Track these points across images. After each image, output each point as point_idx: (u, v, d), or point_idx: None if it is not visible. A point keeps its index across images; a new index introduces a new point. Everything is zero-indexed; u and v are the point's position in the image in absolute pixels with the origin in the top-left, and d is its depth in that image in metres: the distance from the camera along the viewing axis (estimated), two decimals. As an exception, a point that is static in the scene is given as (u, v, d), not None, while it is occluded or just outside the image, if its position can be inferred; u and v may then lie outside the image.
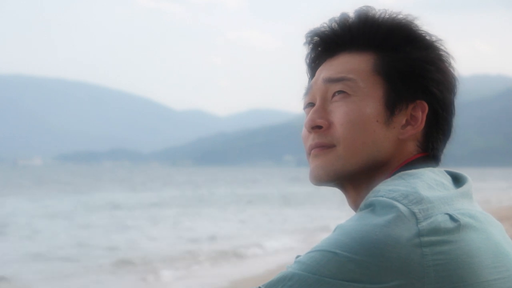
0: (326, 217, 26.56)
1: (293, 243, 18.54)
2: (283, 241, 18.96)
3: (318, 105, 1.35)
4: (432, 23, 1.38)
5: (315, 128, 1.34)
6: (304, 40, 1.42)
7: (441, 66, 1.35)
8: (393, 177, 1.25)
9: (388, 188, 1.20)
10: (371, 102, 1.31)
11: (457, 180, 1.31)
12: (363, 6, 1.39)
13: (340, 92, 1.33)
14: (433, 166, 1.31)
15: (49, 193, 53.18)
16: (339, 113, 1.32)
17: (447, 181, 1.27)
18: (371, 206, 1.17)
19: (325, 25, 1.40)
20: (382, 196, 1.17)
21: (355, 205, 1.34)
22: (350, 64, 1.35)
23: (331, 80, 1.34)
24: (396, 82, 1.32)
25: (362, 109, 1.31)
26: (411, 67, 1.33)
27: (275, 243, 18.37)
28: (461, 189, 1.26)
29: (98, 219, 28.52)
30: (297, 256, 1.25)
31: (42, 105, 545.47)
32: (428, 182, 1.22)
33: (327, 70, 1.37)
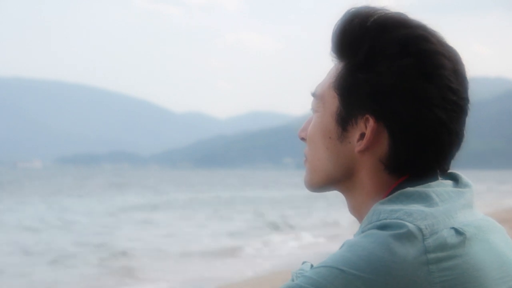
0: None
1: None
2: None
3: (309, 117, 1.37)
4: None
5: (301, 140, 1.38)
6: None
7: (402, 81, 1.24)
8: (389, 197, 1.23)
9: (389, 209, 1.20)
10: (326, 118, 1.31)
11: (459, 185, 1.29)
12: (357, 7, 1.29)
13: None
14: (426, 182, 1.25)
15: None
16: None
17: (447, 192, 1.24)
18: (378, 228, 1.17)
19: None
20: (386, 218, 1.18)
21: (352, 211, 1.34)
22: (327, 77, 1.33)
23: (312, 95, 1.36)
24: (345, 96, 1.29)
25: (318, 126, 1.32)
26: (363, 81, 1.26)
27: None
28: (462, 200, 1.25)
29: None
30: (304, 262, 1.26)
31: (42, 108, 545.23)
32: (427, 197, 1.21)
33: None
